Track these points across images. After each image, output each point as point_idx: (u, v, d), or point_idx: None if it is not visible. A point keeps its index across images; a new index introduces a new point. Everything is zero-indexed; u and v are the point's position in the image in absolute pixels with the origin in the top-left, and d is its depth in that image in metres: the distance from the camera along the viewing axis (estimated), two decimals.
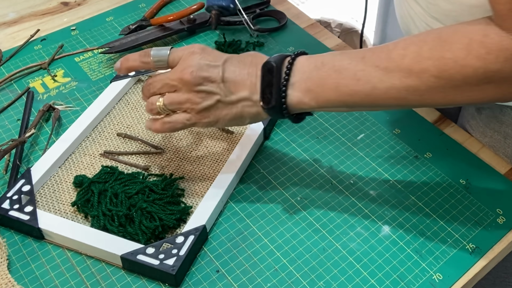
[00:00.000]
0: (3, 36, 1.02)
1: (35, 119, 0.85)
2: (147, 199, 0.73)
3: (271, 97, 0.66)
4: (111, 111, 0.87)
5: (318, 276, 0.68)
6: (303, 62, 0.67)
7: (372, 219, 0.74)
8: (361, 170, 0.80)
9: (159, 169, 0.79)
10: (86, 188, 0.74)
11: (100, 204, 0.73)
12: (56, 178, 0.78)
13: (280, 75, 0.66)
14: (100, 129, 0.84)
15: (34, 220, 0.70)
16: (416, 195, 0.77)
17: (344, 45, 1.00)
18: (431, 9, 0.77)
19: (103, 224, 0.71)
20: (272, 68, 0.66)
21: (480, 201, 0.76)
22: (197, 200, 0.75)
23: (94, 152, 0.81)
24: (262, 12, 1.06)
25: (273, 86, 0.66)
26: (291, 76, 0.66)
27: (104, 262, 0.69)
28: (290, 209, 0.75)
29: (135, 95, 0.89)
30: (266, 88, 0.67)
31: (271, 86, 0.66)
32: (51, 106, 0.87)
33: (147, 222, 0.70)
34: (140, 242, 0.69)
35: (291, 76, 0.66)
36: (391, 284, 0.68)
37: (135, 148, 0.82)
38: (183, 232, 0.69)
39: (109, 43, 0.97)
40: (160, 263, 0.66)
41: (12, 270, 0.69)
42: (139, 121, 0.85)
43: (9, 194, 0.73)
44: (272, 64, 0.66)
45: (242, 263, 0.70)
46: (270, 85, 0.66)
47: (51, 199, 0.75)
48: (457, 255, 0.70)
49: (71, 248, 0.70)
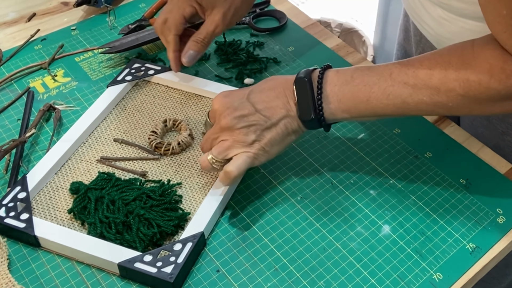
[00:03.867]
0: (3, 36, 1.03)
1: (35, 119, 0.85)
2: (145, 206, 0.72)
3: (309, 110, 0.70)
4: (107, 117, 0.86)
5: (318, 276, 0.68)
6: (332, 76, 0.71)
7: (372, 219, 0.74)
8: (361, 170, 0.80)
9: (157, 175, 0.78)
10: (82, 194, 0.74)
11: (97, 211, 0.72)
12: (52, 184, 0.77)
13: (313, 89, 0.70)
14: (96, 135, 0.83)
15: (30, 227, 0.70)
16: (416, 195, 0.77)
17: (344, 45, 1.00)
18: (444, 7, 0.79)
19: (100, 231, 0.70)
20: (305, 84, 0.70)
21: (480, 201, 0.76)
22: (195, 207, 0.75)
23: (91, 158, 0.80)
24: (262, 12, 1.06)
25: (309, 100, 0.70)
26: (323, 90, 0.70)
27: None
28: (290, 209, 0.75)
29: (132, 100, 0.89)
30: (302, 103, 0.70)
31: (307, 101, 0.70)
32: (51, 106, 0.87)
33: (145, 229, 0.70)
34: (138, 250, 0.68)
35: (323, 89, 0.70)
36: (391, 284, 0.68)
37: (132, 154, 0.81)
38: (181, 239, 0.69)
39: (109, 43, 0.97)
40: (157, 271, 0.66)
41: (12, 270, 0.69)
42: (136, 126, 0.85)
43: (4, 202, 0.72)
44: (304, 79, 0.70)
45: (243, 263, 0.70)
46: (306, 100, 0.70)
47: (47, 206, 0.74)
48: (457, 255, 0.70)
49: (68, 256, 0.70)
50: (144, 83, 0.91)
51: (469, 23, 0.78)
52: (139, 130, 0.84)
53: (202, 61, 0.97)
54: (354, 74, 0.70)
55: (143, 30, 1.00)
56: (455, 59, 0.65)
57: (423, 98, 0.66)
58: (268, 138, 0.71)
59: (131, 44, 0.97)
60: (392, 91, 0.68)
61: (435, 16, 0.84)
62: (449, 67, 0.65)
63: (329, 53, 0.98)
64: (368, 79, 0.69)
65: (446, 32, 0.84)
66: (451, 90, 0.65)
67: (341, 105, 0.70)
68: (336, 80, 0.70)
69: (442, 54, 0.67)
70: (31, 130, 0.81)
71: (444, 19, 0.82)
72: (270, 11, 1.07)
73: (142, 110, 0.87)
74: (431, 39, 0.90)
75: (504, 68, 0.62)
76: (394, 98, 0.68)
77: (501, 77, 0.62)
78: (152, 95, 0.90)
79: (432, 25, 0.87)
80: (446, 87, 0.65)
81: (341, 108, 0.70)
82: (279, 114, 0.71)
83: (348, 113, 0.70)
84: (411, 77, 0.67)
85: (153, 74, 0.90)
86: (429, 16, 0.86)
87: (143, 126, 0.85)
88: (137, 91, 0.90)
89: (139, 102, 0.89)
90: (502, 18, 0.60)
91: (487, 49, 0.63)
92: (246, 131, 0.70)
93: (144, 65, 0.92)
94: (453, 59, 0.65)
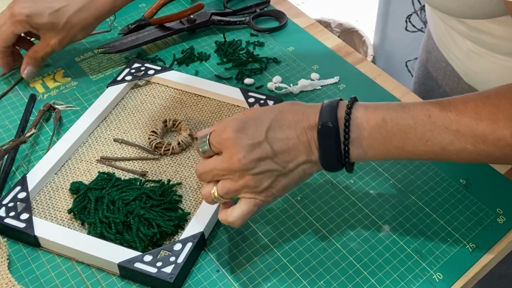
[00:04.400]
0: None
1: (35, 119, 0.85)
2: (145, 206, 0.72)
3: (334, 159, 0.63)
4: (107, 117, 0.86)
5: (318, 276, 0.68)
6: (361, 116, 0.62)
7: (372, 219, 0.74)
8: (361, 170, 0.80)
9: (157, 175, 0.78)
10: (82, 194, 0.73)
11: (97, 211, 0.72)
12: (52, 184, 0.77)
13: (339, 137, 0.62)
14: (96, 135, 0.83)
15: (30, 227, 0.70)
16: (416, 195, 0.77)
17: (344, 45, 1.00)
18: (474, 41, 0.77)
19: (100, 231, 0.70)
20: (331, 132, 0.61)
21: (480, 201, 0.76)
22: (195, 207, 0.75)
23: (91, 158, 0.80)
24: (262, 12, 1.06)
25: (334, 151, 0.62)
26: (351, 133, 0.62)
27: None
28: (290, 209, 0.75)
29: (131, 100, 0.89)
30: (326, 153, 0.62)
31: (332, 151, 0.62)
32: (51, 106, 0.87)
33: (145, 229, 0.70)
34: (138, 250, 0.68)
35: (350, 133, 0.62)
36: (391, 284, 0.68)
37: (132, 154, 0.81)
38: (181, 239, 0.69)
39: (109, 43, 0.97)
40: (157, 271, 0.66)
41: (12, 270, 0.69)
42: (136, 126, 0.85)
43: (4, 201, 0.72)
44: (329, 126, 0.61)
45: (243, 263, 0.70)
46: (331, 151, 0.62)
47: (47, 206, 0.74)
48: (457, 255, 0.70)
49: (68, 256, 0.70)
50: (144, 83, 0.91)
51: (499, 57, 0.76)
52: (139, 130, 0.84)
53: (202, 61, 0.97)
54: (386, 116, 0.61)
55: (143, 30, 1.00)
56: (505, 103, 0.57)
57: (466, 145, 0.59)
58: (282, 185, 0.63)
59: (131, 44, 0.97)
60: (430, 136, 0.60)
61: (464, 48, 0.82)
62: (498, 112, 0.57)
63: (329, 53, 0.98)
64: (403, 122, 0.61)
65: (474, 65, 0.81)
66: (500, 139, 0.57)
67: (370, 150, 0.62)
68: (366, 122, 0.61)
69: (489, 95, 0.59)
70: (31, 130, 0.81)
71: (474, 52, 0.80)
72: (270, 11, 1.07)
73: (142, 110, 0.87)
74: (458, 71, 0.88)
75: None
76: (433, 144, 0.60)
77: None
78: (152, 95, 0.90)
79: (461, 57, 0.84)
80: (495, 135, 0.57)
81: (370, 154, 0.63)
82: (298, 160, 0.63)
83: (377, 158, 0.63)
84: (454, 122, 0.59)
85: (153, 74, 0.90)
86: (458, 48, 0.84)
87: (143, 126, 0.85)
88: (137, 91, 0.90)
89: (139, 102, 0.89)
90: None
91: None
92: (260, 177, 0.62)
93: (144, 65, 0.92)
94: (502, 103, 0.57)
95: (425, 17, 1.83)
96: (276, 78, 0.93)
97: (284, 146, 0.62)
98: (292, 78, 0.94)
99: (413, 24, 1.86)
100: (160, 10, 1.05)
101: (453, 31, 0.83)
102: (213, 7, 1.08)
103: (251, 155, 0.61)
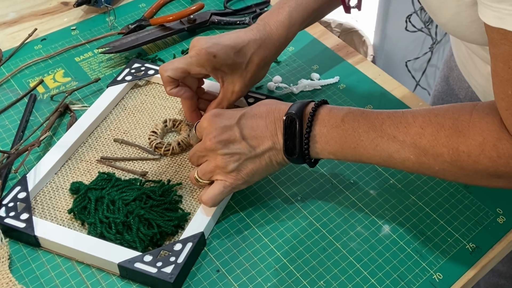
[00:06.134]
0: (3, 36, 1.03)
1: (51, 119, 0.83)
2: (145, 206, 0.72)
3: (295, 149, 0.69)
4: (107, 117, 0.86)
5: (318, 276, 0.68)
6: (324, 115, 0.69)
7: (372, 219, 0.74)
8: (361, 170, 0.80)
9: (157, 175, 0.78)
10: (82, 194, 0.74)
11: (97, 211, 0.72)
12: (53, 184, 0.77)
13: (302, 127, 0.68)
14: (96, 135, 0.83)
15: (30, 227, 0.70)
16: (416, 195, 0.77)
17: (344, 45, 1.00)
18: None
19: (100, 231, 0.70)
20: (294, 121, 0.68)
21: (480, 201, 0.76)
22: (195, 207, 0.75)
23: (91, 158, 0.80)
24: (262, 12, 1.06)
25: (296, 138, 0.69)
26: (313, 129, 0.68)
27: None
28: (290, 209, 0.75)
29: (132, 100, 0.89)
30: (288, 139, 0.69)
31: (294, 138, 0.69)
32: (68, 106, 0.87)
33: (145, 229, 0.70)
34: (138, 250, 0.68)
35: (312, 128, 0.68)
36: (391, 284, 0.68)
37: (132, 154, 0.81)
38: (181, 239, 0.69)
39: (109, 43, 0.97)
40: (157, 271, 0.66)
41: (12, 270, 0.69)
42: (136, 126, 0.85)
43: (4, 201, 0.72)
44: (293, 117, 0.68)
45: (243, 263, 0.70)
46: (293, 137, 0.69)
47: (47, 206, 0.74)
48: (457, 254, 0.70)
49: (68, 256, 0.70)
50: (144, 83, 0.91)
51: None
52: (139, 130, 0.84)
53: None
54: (345, 117, 0.67)
55: (143, 30, 1.00)
56: (449, 123, 0.61)
57: (410, 156, 0.63)
58: (249, 169, 0.70)
59: (131, 44, 0.97)
60: (380, 142, 0.65)
61: (485, 73, 0.82)
62: (441, 130, 0.61)
63: (329, 53, 0.98)
64: (358, 125, 0.66)
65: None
66: (439, 155, 0.61)
67: (327, 147, 0.68)
68: (327, 120, 0.68)
69: (438, 113, 0.63)
70: (46, 132, 0.80)
71: None
72: None
73: (142, 110, 0.87)
74: (478, 94, 0.88)
75: (496, 146, 0.58)
76: (382, 150, 0.65)
77: (492, 154, 0.58)
78: (152, 95, 0.90)
79: (481, 81, 0.85)
80: (435, 151, 0.62)
81: (327, 150, 0.68)
82: (265, 146, 0.70)
83: (333, 155, 0.69)
84: (402, 133, 0.64)
85: (153, 74, 0.90)
86: (479, 72, 0.84)
87: (143, 126, 0.85)
88: (137, 91, 0.90)
89: (139, 102, 0.89)
90: (506, 97, 0.57)
91: (485, 121, 0.59)
92: (228, 159, 0.69)
93: (144, 65, 0.92)
94: (447, 122, 0.61)
95: (425, 17, 1.83)
96: (276, 78, 0.93)
97: (252, 132, 0.70)
98: (292, 78, 0.94)
99: (413, 24, 1.87)
100: (160, 10, 1.05)
101: (474, 55, 0.84)
102: (213, 7, 1.08)
103: (221, 136, 0.69)
